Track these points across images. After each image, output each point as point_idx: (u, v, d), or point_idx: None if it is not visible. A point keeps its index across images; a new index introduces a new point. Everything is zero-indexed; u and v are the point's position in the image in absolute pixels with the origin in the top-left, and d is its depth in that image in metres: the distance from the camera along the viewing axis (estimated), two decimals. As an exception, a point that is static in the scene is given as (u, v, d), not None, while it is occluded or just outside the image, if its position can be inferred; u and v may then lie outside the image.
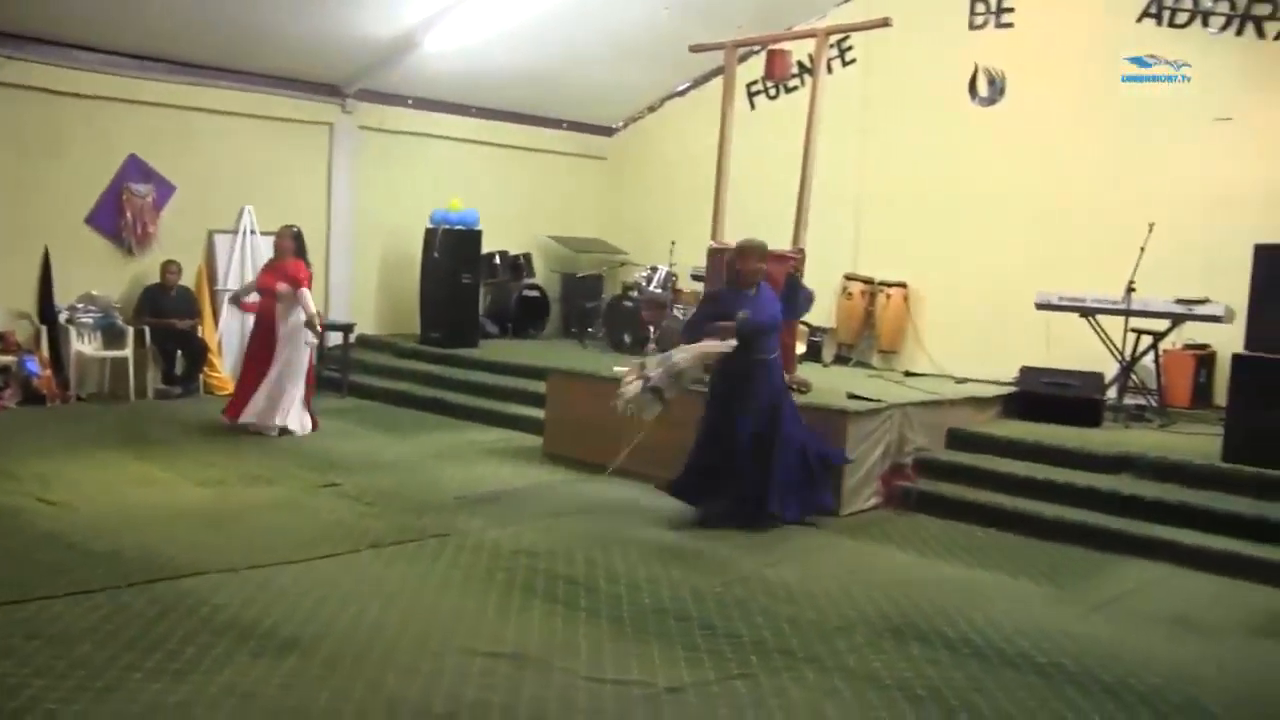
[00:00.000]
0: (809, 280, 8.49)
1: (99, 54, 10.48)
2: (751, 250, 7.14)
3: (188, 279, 11.14)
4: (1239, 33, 9.75)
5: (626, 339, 12.01)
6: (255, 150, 11.71)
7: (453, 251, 12.20)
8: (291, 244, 9.26)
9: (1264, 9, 9.56)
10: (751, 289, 7.09)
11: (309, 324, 9.06)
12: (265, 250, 11.22)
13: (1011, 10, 11.07)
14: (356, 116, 12.51)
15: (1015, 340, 9.87)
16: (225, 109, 11.42)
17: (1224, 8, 9.77)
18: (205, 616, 4.80)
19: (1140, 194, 9.79)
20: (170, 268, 10.80)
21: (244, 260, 11.57)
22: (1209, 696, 4.54)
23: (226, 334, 11.41)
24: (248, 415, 9.05)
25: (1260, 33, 9.64)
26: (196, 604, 4.94)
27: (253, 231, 11.65)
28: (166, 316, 10.68)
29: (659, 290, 12.05)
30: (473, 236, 12.42)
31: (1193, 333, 9.47)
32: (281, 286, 9.08)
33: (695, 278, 11.64)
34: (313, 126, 12.24)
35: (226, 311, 11.35)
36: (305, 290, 9.13)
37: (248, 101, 11.60)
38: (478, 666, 4.42)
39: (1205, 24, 9.88)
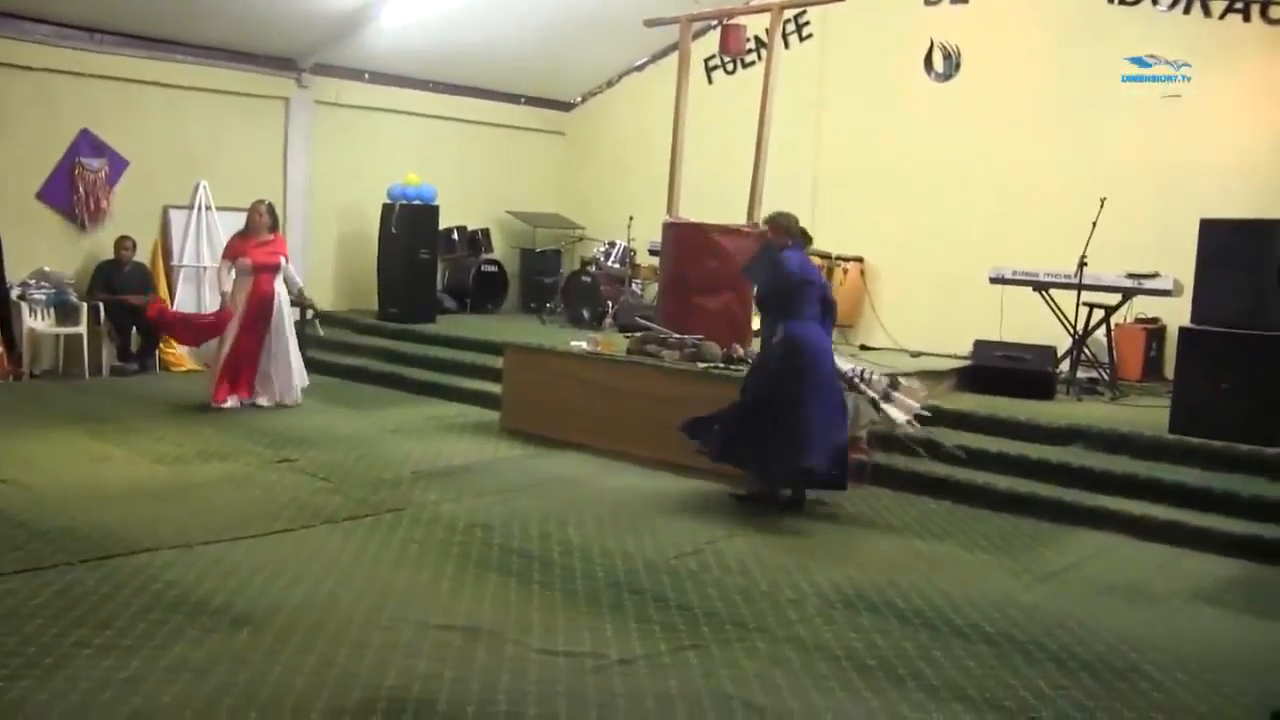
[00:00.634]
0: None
1: (48, 25, 10.32)
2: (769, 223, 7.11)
3: (143, 255, 11.00)
4: (1186, 11, 9.88)
5: (585, 314, 12.02)
6: (210, 124, 11.58)
7: (410, 227, 12.15)
8: (268, 219, 9.22)
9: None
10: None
11: (301, 300, 9.51)
12: (222, 226, 11.13)
13: (968, -15, 11.13)
14: (312, 91, 12.38)
15: (970, 314, 9.95)
16: (179, 83, 11.29)
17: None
18: (157, 593, 4.79)
19: (1092, 170, 9.92)
20: (124, 243, 10.67)
21: (200, 236, 11.45)
22: (1150, 662, 4.63)
23: (183, 309, 11.25)
24: (268, 394, 9.23)
25: (1207, 11, 9.79)
26: (149, 580, 4.93)
27: (208, 207, 11.52)
28: (121, 293, 10.55)
29: (617, 265, 12.07)
30: (430, 212, 12.37)
31: (1144, 306, 9.62)
32: (282, 261, 9.25)
33: (652, 252, 11.66)
34: (268, 101, 12.12)
35: (183, 287, 11.25)
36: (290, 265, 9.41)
37: (202, 75, 11.46)
38: (430, 640, 4.44)
39: (1155, 2, 9.98)
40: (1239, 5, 9.65)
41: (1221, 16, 9.71)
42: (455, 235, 13.31)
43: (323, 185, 12.51)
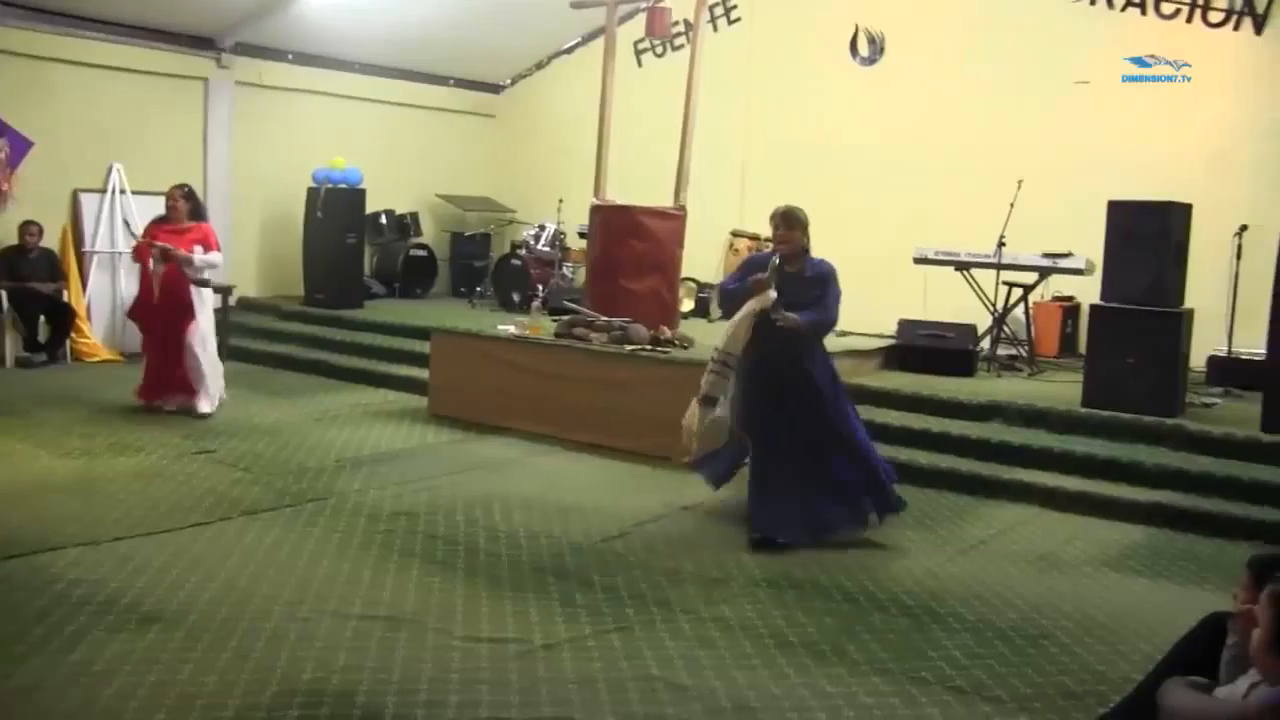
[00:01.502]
0: (699, 237, 8.48)
1: (-57, -1, 9.95)
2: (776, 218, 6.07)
3: (51, 240, 10.67)
4: (1092, 2, 10.15)
5: (515, 298, 11.96)
6: (124, 105, 11.26)
7: (337, 211, 11.97)
8: (185, 204, 8.44)
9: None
10: (791, 264, 5.98)
11: (204, 282, 8.46)
12: (139, 210, 10.86)
13: (891, -28, 11.23)
14: (234, 71, 12.12)
15: (894, 294, 10.06)
16: (90, 61, 10.93)
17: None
18: (60, 593, 4.63)
19: (1011, 152, 10.07)
20: (30, 228, 10.32)
21: (114, 220, 11.15)
22: (1060, 628, 4.79)
23: (97, 298, 11.01)
24: (183, 399, 8.38)
25: (1110, 3, 10.09)
26: (51, 580, 4.77)
27: (123, 191, 11.24)
28: (26, 280, 10.23)
29: (547, 248, 12.01)
30: (357, 195, 12.20)
31: (1060, 285, 9.84)
32: (197, 251, 8.29)
33: (582, 235, 11.62)
34: (186, 81, 11.81)
35: (96, 275, 10.98)
36: (218, 254, 8.57)
37: (115, 53, 11.12)
38: (351, 630, 4.40)
39: None
40: (1136, 2, 9.96)
41: (1123, 9, 10.02)
42: (383, 219, 13.15)
43: (245, 168, 12.26)
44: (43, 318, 10.44)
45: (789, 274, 5.91)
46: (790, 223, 5.94)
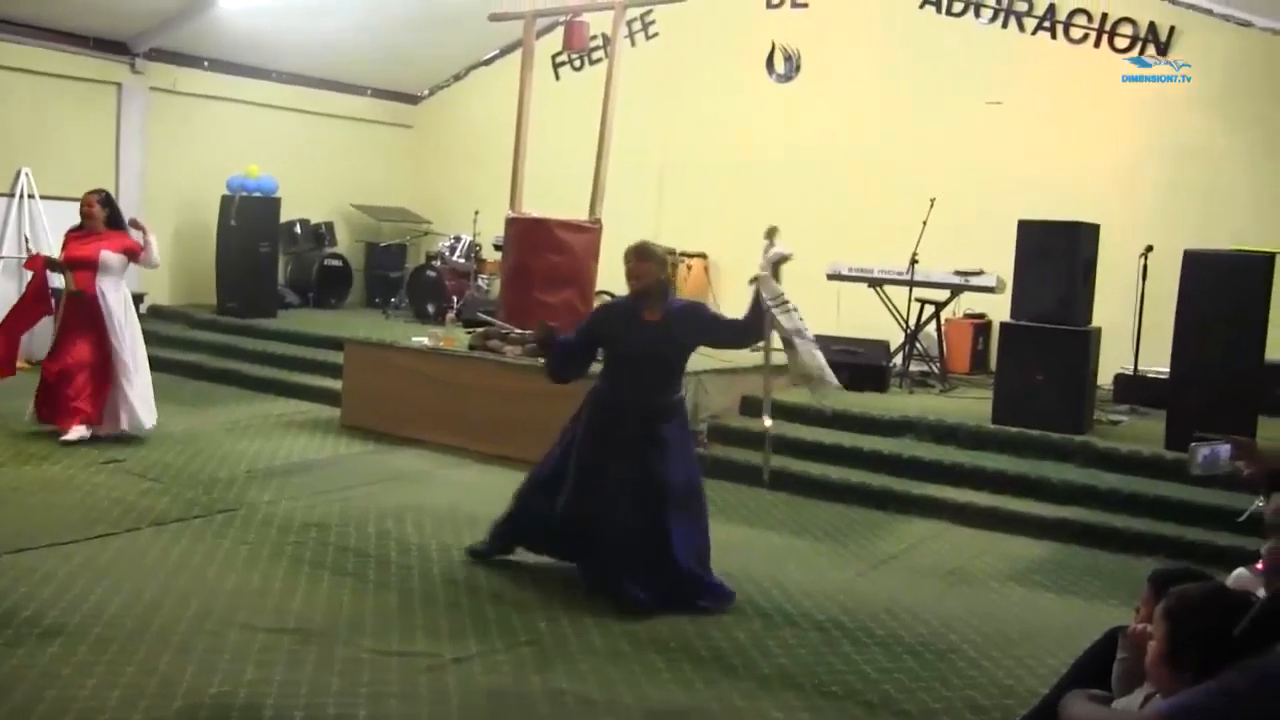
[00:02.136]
0: (615, 251, 8.47)
1: None
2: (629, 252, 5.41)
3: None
4: (1004, 25, 10.45)
5: (430, 309, 11.89)
6: (33, 109, 10.97)
7: (251, 219, 11.81)
8: (101, 210, 7.79)
9: (1022, 6, 10.37)
10: (646, 304, 5.35)
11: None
12: (48, 215, 10.60)
13: (807, -10, 11.42)
14: (147, 77, 11.88)
15: (807, 309, 10.02)
16: (1, 63, 10.66)
17: (991, 1, 10.45)
18: (-44, 607, 4.50)
19: (924, 171, 10.30)
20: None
21: (20, 225, 10.86)
22: (968, 641, 4.88)
23: (4, 304, 10.67)
24: (112, 423, 7.66)
25: (1021, 27, 10.41)
26: (-53, 594, 4.63)
27: (31, 195, 10.95)
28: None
29: (462, 260, 11.97)
30: (272, 204, 12.05)
31: (971, 302, 10.06)
32: (107, 254, 7.66)
33: (498, 247, 11.58)
34: (98, 85, 11.56)
35: (1, 280, 10.67)
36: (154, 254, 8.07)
37: (25, 55, 10.83)
38: (259, 643, 4.33)
39: (977, 15, 10.50)
40: (1046, 24, 10.26)
41: (1033, 32, 10.34)
42: (298, 228, 12.98)
43: (159, 175, 12.01)
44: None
45: (647, 323, 5.31)
46: (642, 255, 5.31)
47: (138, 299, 10.89)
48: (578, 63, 12.72)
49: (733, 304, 11.34)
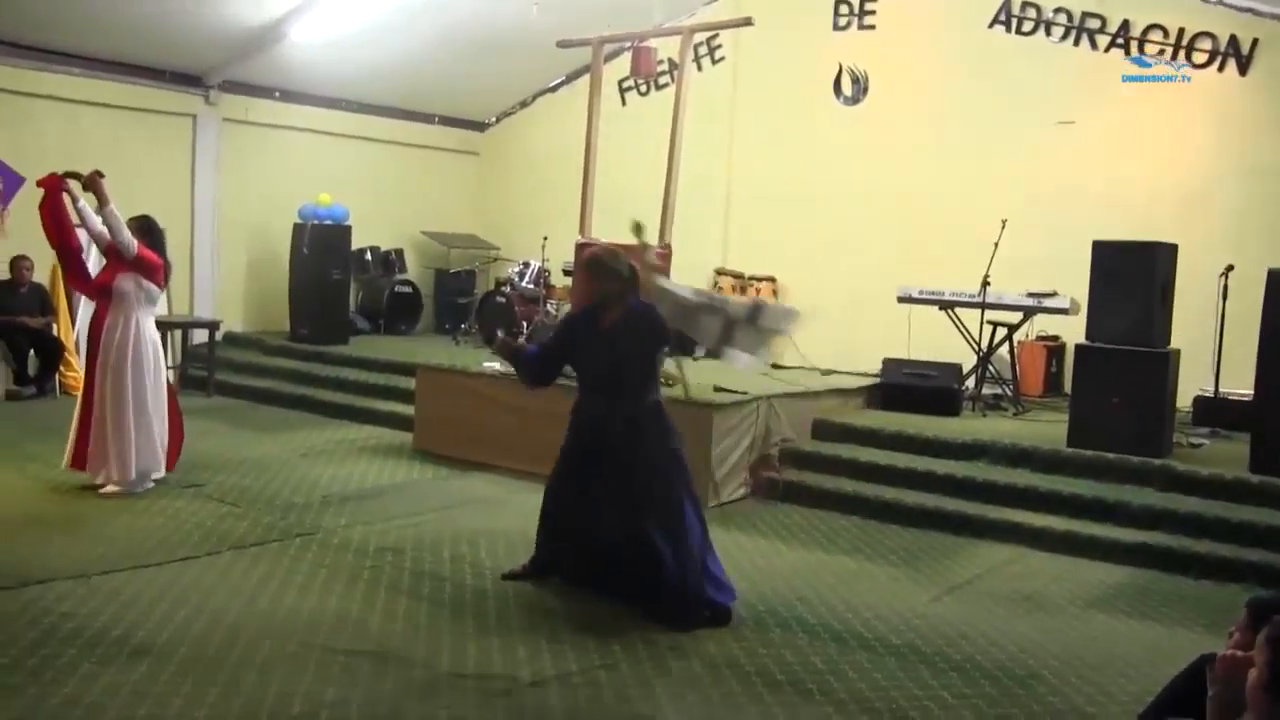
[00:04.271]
0: (683, 275, 8.50)
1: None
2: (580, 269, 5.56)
3: (41, 275, 10.68)
4: (1076, 43, 10.31)
5: (500, 335, 11.95)
6: (113, 141, 11.28)
7: (322, 247, 12.01)
8: (141, 239, 7.10)
9: (1095, 23, 10.23)
10: (604, 313, 5.35)
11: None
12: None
13: (873, 12, 11.41)
14: (221, 108, 12.19)
15: (878, 332, 10.14)
16: (79, 97, 11.00)
17: (1062, 19, 10.32)
18: (49, 626, 4.61)
19: (994, 192, 10.22)
20: (22, 263, 10.35)
21: (102, 256, 11.13)
22: (1047, 668, 4.79)
23: (84, 333, 10.96)
24: (101, 470, 6.91)
25: (1093, 44, 10.27)
26: (41, 614, 4.75)
27: (110, 226, 11.23)
28: (17, 314, 10.24)
29: (531, 286, 12.05)
30: (342, 232, 12.25)
31: (1044, 324, 9.93)
32: (122, 280, 6.97)
33: (567, 272, 11.68)
34: (174, 118, 11.89)
35: (84, 308, 10.95)
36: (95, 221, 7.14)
37: (103, 90, 11.19)
38: (339, 665, 4.38)
39: (1048, 33, 10.38)
40: (1119, 42, 10.12)
41: (1106, 50, 10.20)
42: (369, 256, 13.20)
43: (232, 205, 12.30)
44: (32, 351, 10.44)
45: (603, 331, 5.30)
46: (594, 274, 5.31)
47: (213, 326, 11.19)
48: (644, 88, 12.80)
49: (802, 328, 11.36)
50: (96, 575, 5.32)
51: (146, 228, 7.22)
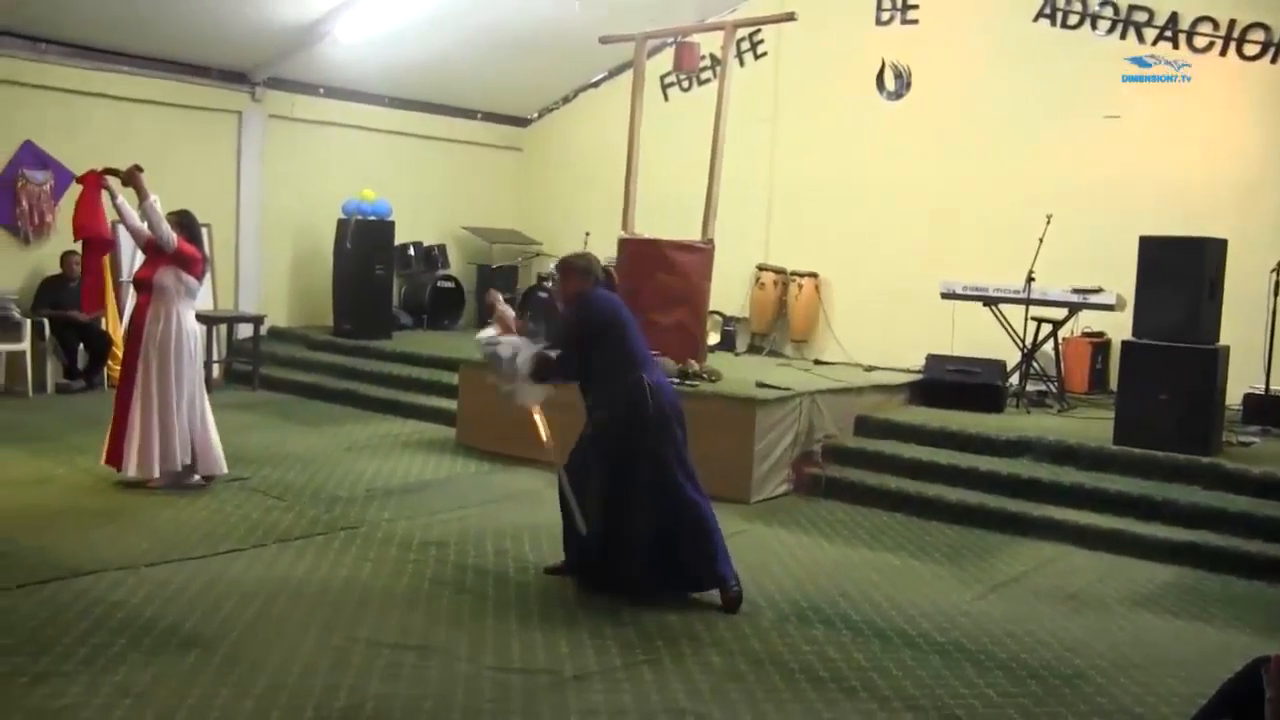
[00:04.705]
0: (725, 270, 8.49)
1: (-16, 34, 10.12)
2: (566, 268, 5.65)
3: (90, 271, 10.85)
4: (1122, 36, 10.17)
5: (541, 330, 11.99)
6: (160, 138, 11.42)
7: (365, 243, 12.09)
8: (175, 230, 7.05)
9: (1142, 15, 10.08)
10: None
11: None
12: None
13: (916, 7, 11.32)
14: (266, 105, 12.30)
15: (922, 329, 10.08)
16: (127, 95, 11.15)
17: (1109, 12, 10.19)
18: (100, 617, 4.69)
19: (1038, 187, 10.10)
20: (72, 258, 10.47)
21: (142, 253, 11.28)
22: (1094, 667, 4.74)
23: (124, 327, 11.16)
24: (133, 464, 6.85)
25: (1140, 38, 10.10)
26: (91, 604, 4.83)
27: (159, 222, 11.37)
28: (67, 308, 10.39)
29: (573, 281, 12.03)
30: (385, 227, 12.33)
31: (1090, 321, 9.82)
32: (162, 275, 6.96)
33: (608, 270, 11.67)
34: (220, 114, 12.00)
35: (131, 303, 11.09)
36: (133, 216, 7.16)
37: (151, 87, 11.34)
38: (384, 659, 4.42)
39: (1093, 27, 10.25)
40: (1167, 34, 9.95)
41: (1154, 43, 10.04)
42: (411, 251, 13.28)
43: (276, 200, 12.41)
44: (81, 345, 10.60)
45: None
46: (563, 274, 5.71)
47: (258, 320, 11.31)
48: (686, 84, 12.78)
49: (842, 323, 11.35)
50: (145, 566, 5.40)
51: (185, 222, 7.21)
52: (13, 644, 4.35)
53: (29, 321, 10.23)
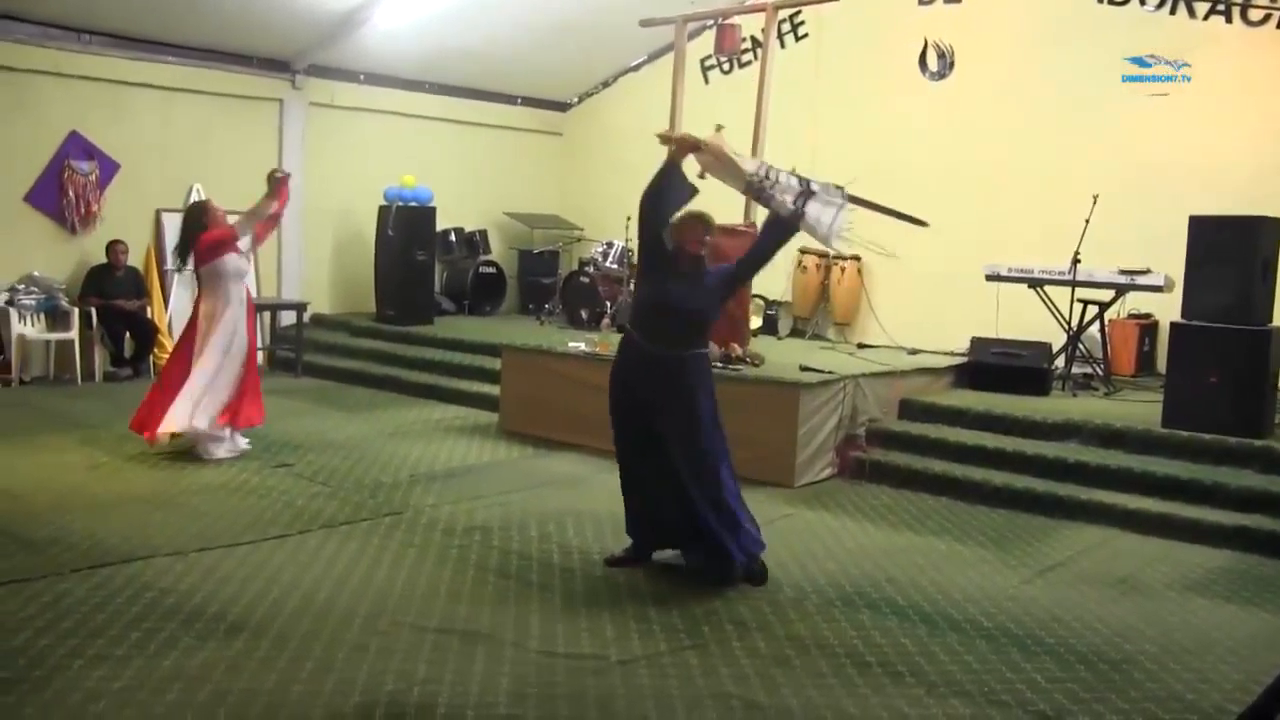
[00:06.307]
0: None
1: (32, 25, 10.23)
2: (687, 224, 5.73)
3: (135, 259, 11.00)
4: (1173, 11, 9.97)
5: (583, 315, 12.01)
6: (203, 126, 11.56)
7: (407, 229, 12.15)
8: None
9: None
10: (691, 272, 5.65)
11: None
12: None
13: (960, -15, 11.16)
14: (307, 92, 12.38)
15: (966, 311, 9.97)
16: (170, 84, 11.27)
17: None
18: (151, 601, 4.76)
19: (1084, 167, 9.96)
20: (118, 247, 10.65)
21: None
22: (1143, 652, 4.68)
23: (178, 315, 11.25)
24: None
25: (1191, 12, 9.90)
26: (142, 589, 4.90)
27: (202, 210, 11.49)
28: (113, 297, 10.54)
29: (615, 265, 12.06)
30: (427, 214, 12.38)
31: (1136, 302, 9.68)
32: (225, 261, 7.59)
33: (649, 253, 11.65)
34: (262, 102, 12.11)
35: (177, 292, 11.24)
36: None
37: (194, 77, 11.45)
38: (429, 643, 4.44)
39: (1142, 2, 10.05)
40: (1220, 7, 9.75)
41: (1205, 18, 9.83)
42: (453, 237, 13.33)
43: (318, 187, 12.49)
44: (128, 334, 10.74)
45: (693, 275, 5.76)
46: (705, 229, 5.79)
47: (301, 307, 11.41)
48: (726, 66, 12.71)
49: (885, 307, 11.25)
50: (193, 552, 5.47)
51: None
52: (70, 627, 4.42)
53: (76, 310, 10.39)
